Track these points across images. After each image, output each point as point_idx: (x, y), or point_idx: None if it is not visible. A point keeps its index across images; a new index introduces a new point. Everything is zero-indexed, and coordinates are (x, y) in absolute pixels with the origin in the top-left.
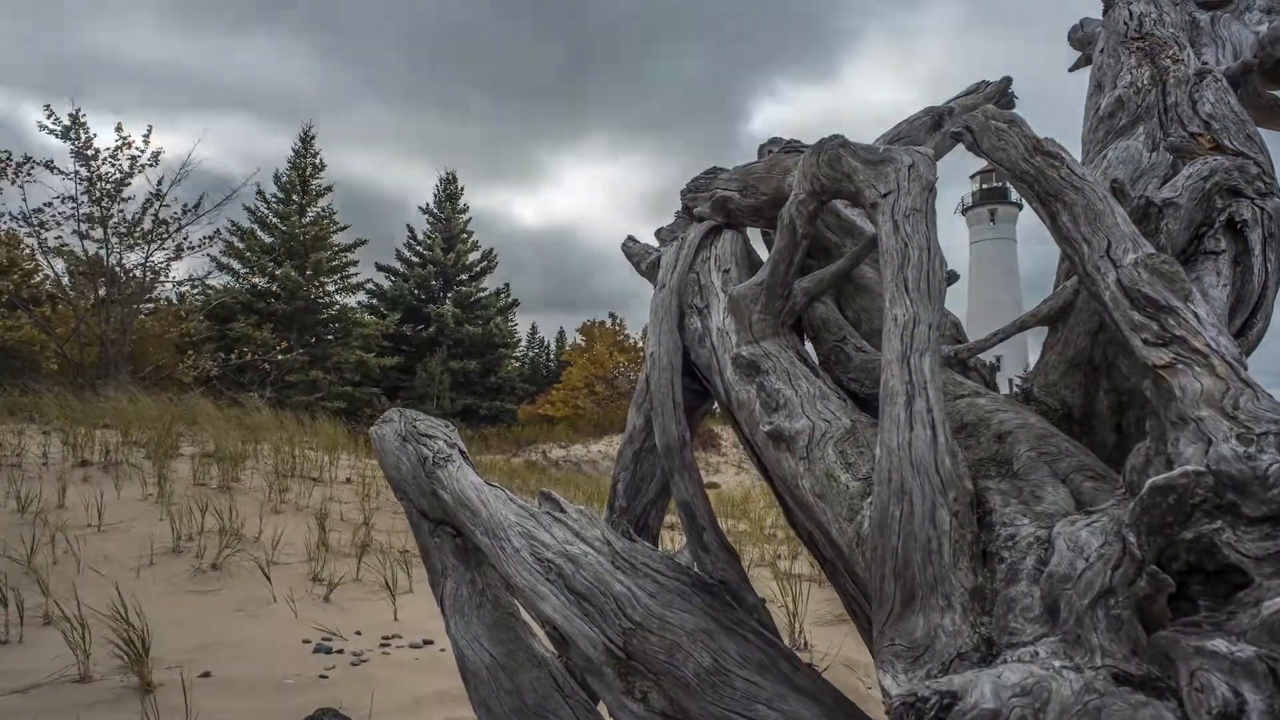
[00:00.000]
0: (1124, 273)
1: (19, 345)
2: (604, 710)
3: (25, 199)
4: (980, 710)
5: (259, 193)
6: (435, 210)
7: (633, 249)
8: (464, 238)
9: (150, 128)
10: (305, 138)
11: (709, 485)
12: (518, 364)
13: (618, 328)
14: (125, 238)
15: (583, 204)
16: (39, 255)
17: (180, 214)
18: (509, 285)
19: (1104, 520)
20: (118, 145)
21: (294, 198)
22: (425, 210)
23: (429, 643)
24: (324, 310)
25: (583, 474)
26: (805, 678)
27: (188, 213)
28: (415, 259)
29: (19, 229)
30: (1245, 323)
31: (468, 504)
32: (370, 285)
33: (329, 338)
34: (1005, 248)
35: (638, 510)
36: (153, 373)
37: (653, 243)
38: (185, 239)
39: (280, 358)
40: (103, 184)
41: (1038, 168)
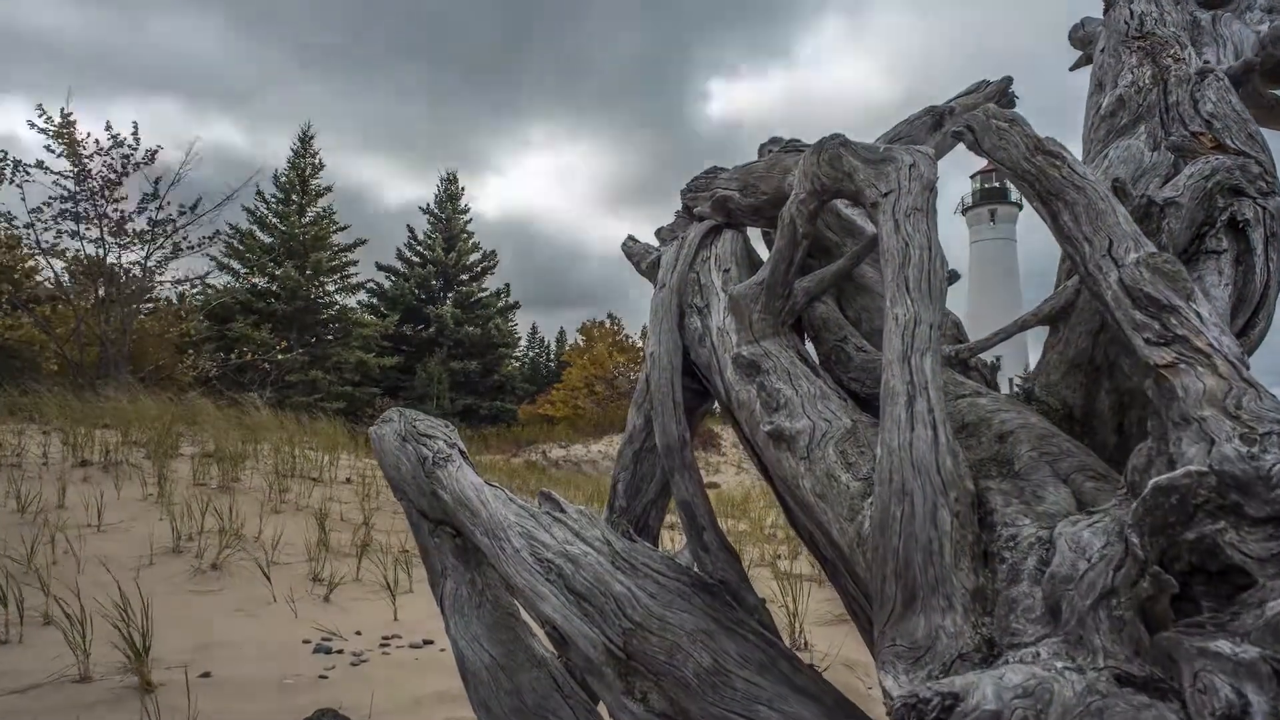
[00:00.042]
0: (1126, 272)
1: (19, 345)
2: (604, 711)
3: (25, 198)
4: (982, 711)
5: (258, 193)
6: (435, 210)
7: (633, 249)
8: (464, 238)
9: (136, 124)
10: (304, 138)
11: (709, 485)
12: (518, 364)
13: (617, 328)
14: (120, 237)
15: (537, 195)
16: (38, 255)
17: (177, 215)
18: (509, 285)
19: (1106, 521)
20: (110, 145)
21: (293, 198)
22: (426, 210)
23: (429, 643)
24: (324, 310)
25: (583, 474)
26: (806, 678)
27: (184, 213)
28: (415, 259)
29: (18, 230)
30: (1247, 322)
31: (467, 504)
32: (370, 285)
33: (329, 338)
34: (1005, 248)
35: (638, 510)
36: (153, 373)
37: (652, 241)
38: (184, 238)
39: (280, 358)
40: (93, 183)
41: (1039, 167)
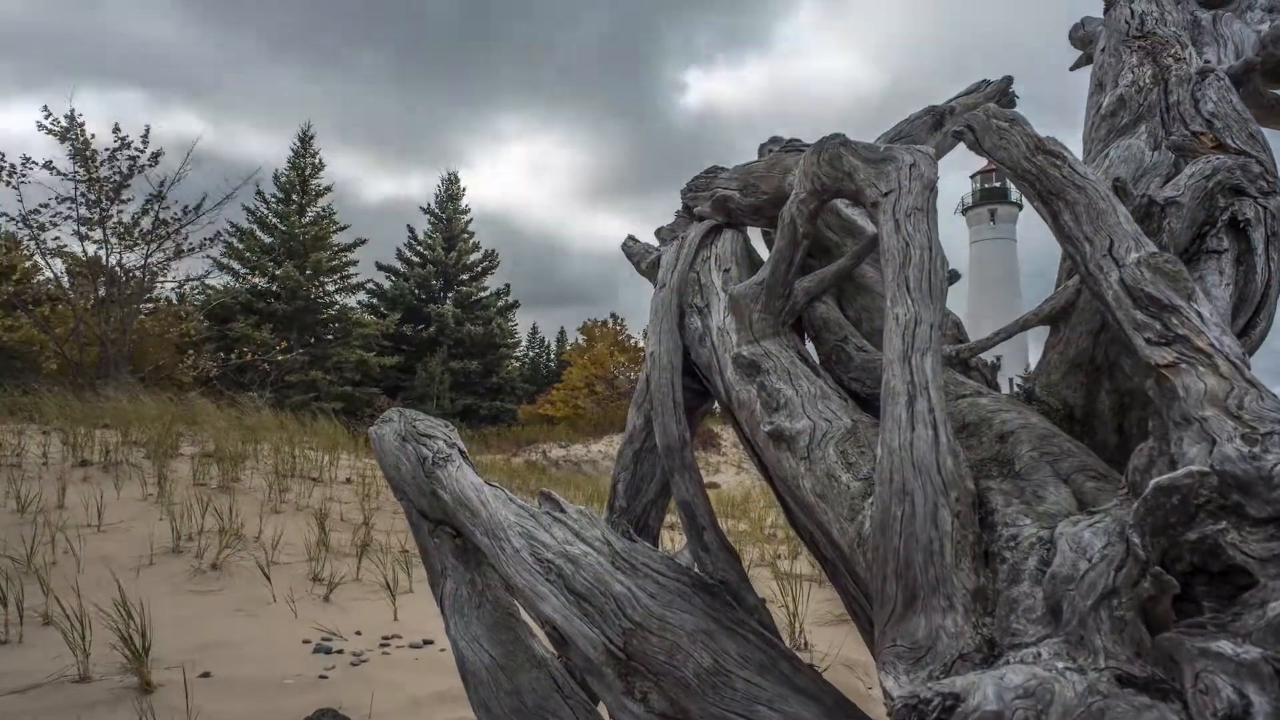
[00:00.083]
0: (1127, 272)
1: (19, 345)
2: (604, 711)
3: (21, 200)
4: (983, 712)
5: (258, 193)
6: (436, 210)
7: (633, 248)
8: (465, 237)
9: (148, 128)
10: (304, 138)
11: (709, 485)
12: (518, 364)
13: (618, 327)
14: (124, 238)
15: (511, 189)
16: (38, 256)
17: (181, 215)
18: (509, 285)
19: (1107, 521)
20: (117, 146)
21: (293, 198)
22: (426, 210)
23: (429, 643)
24: (324, 310)
25: (583, 474)
26: (806, 678)
27: (187, 214)
28: (416, 259)
29: (18, 230)
30: (1248, 322)
31: (467, 504)
32: (370, 285)
33: (329, 338)
34: (1005, 248)
35: (638, 510)
36: (153, 373)
37: (651, 240)
38: (185, 239)
39: (280, 358)
40: (101, 185)
41: (1039, 166)
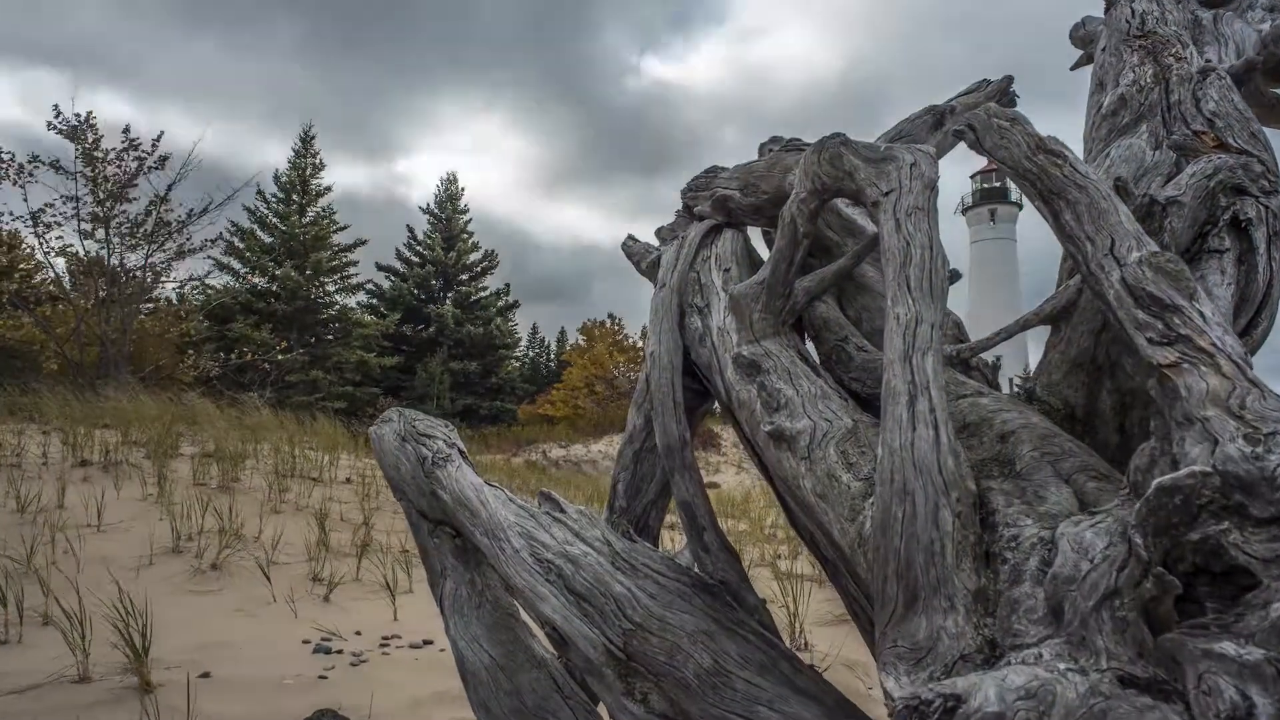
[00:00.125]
0: (1128, 271)
1: (19, 345)
2: (604, 711)
3: (26, 199)
4: (984, 713)
5: (259, 193)
6: (435, 210)
7: (633, 248)
8: (464, 238)
9: (161, 132)
10: (305, 138)
11: (709, 485)
12: (518, 364)
13: (618, 327)
14: (127, 238)
15: (464, 179)
16: (40, 255)
17: (185, 216)
18: (509, 285)
19: (1108, 521)
20: (124, 147)
21: (294, 198)
22: (426, 210)
23: (429, 643)
24: (324, 310)
25: (583, 474)
26: (806, 679)
27: (192, 215)
28: (415, 259)
29: (21, 229)
30: (1250, 321)
31: (467, 504)
32: (370, 285)
33: (329, 338)
34: (1005, 248)
35: (638, 510)
36: (153, 373)
37: (652, 239)
38: (188, 239)
39: (280, 358)
40: (108, 185)
41: (1040, 166)
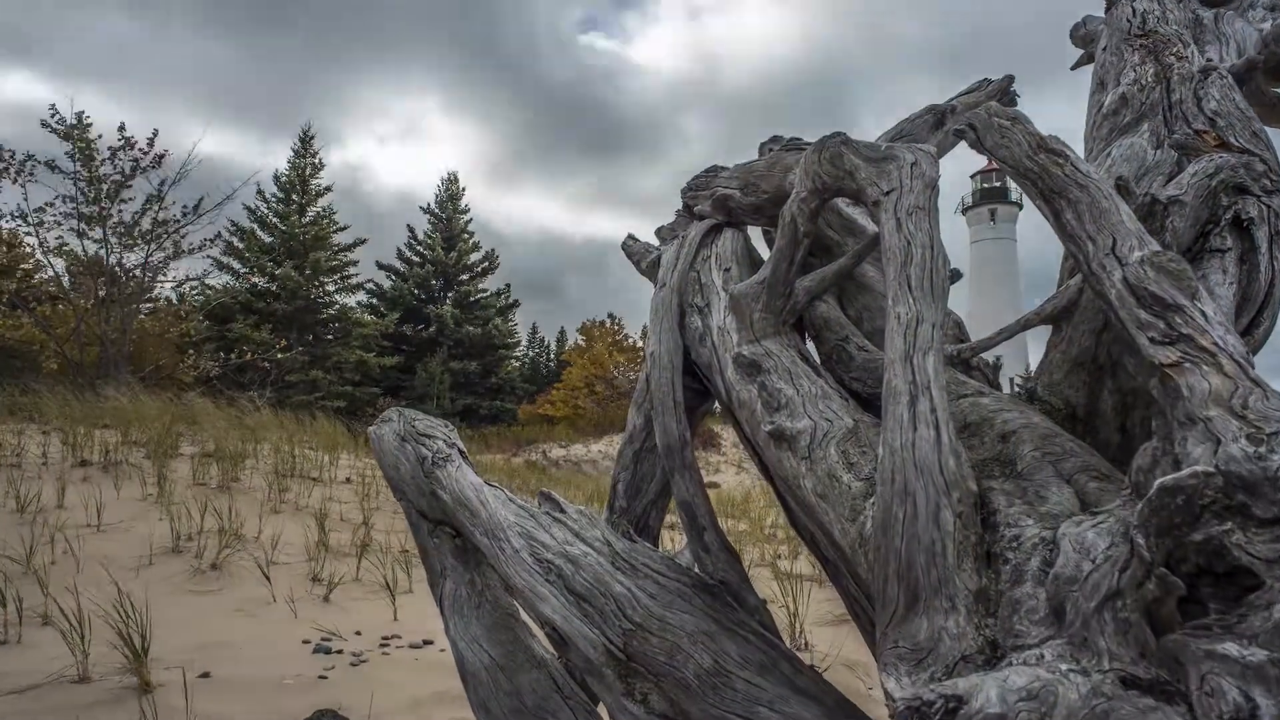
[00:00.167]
0: (1130, 270)
1: (19, 345)
2: (604, 712)
3: (26, 198)
4: (986, 714)
5: (259, 192)
6: (436, 210)
7: (633, 247)
8: (465, 237)
9: (156, 131)
10: (305, 137)
11: (709, 485)
12: (518, 364)
13: (617, 327)
14: (124, 238)
15: (407, 168)
16: (39, 255)
17: (180, 216)
18: (509, 285)
19: (1110, 521)
20: (120, 146)
21: (294, 197)
22: (426, 210)
23: (429, 643)
24: (324, 310)
25: (583, 474)
26: (807, 679)
27: (187, 214)
28: (415, 259)
29: (20, 228)
30: (1252, 321)
31: (467, 504)
32: (370, 285)
33: (329, 337)
34: (1005, 247)
35: (638, 510)
36: (153, 373)
37: (652, 239)
38: (184, 237)
39: (280, 357)
40: (103, 185)
41: (1041, 165)
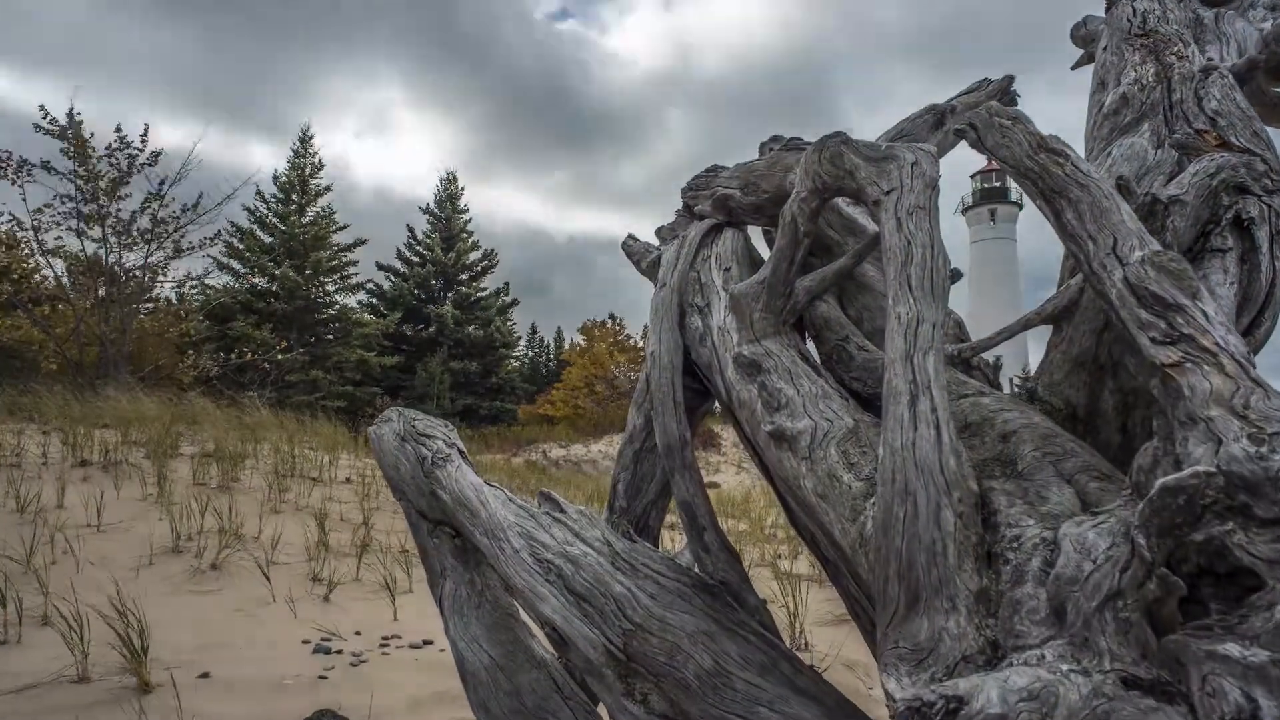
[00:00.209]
0: (1131, 270)
1: (19, 345)
2: (604, 712)
3: (25, 199)
4: (987, 715)
5: (258, 192)
6: (435, 210)
7: (633, 247)
8: (464, 237)
9: (147, 127)
10: (304, 137)
11: (709, 485)
12: (518, 364)
13: (618, 327)
14: (123, 237)
15: (385, 163)
16: (39, 255)
17: (179, 214)
18: (509, 285)
19: (1111, 521)
20: (116, 145)
21: (293, 197)
22: (425, 210)
23: (429, 643)
24: (324, 310)
25: (583, 474)
26: (807, 679)
27: (186, 212)
28: (415, 259)
29: (19, 230)
30: (1253, 321)
31: (467, 504)
32: (370, 285)
33: (329, 337)
34: (1005, 247)
35: (638, 510)
36: (153, 373)
37: (653, 240)
38: (183, 237)
39: (280, 357)
40: (99, 183)
41: (1042, 164)
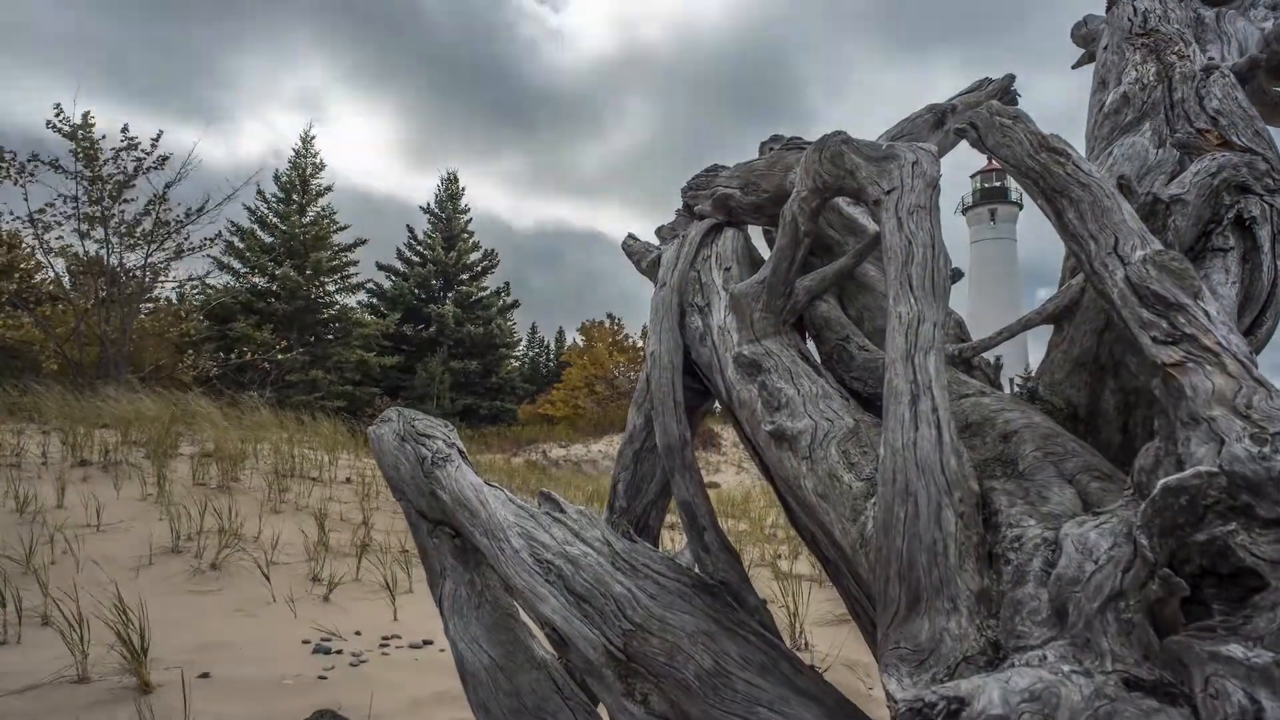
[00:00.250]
0: (1132, 270)
1: (19, 345)
2: (604, 712)
3: (27, 198)
4: (988, 715)
5: (259, 192)
6: (435, 210)
7: (633, 247)
8: (464, 237)
9: (160, 132)
10: (305, 138)
11: (709, 485)
12: (518, 364)
13: (617, 327)
14: (126, 238)
15: (345, 154)
16: (40, 255)
17: (184, 216)
18: (509, 285)
19: (1113, 522)
20: (124, 146)
21: (294, 197)
22: (426, 210)
23: (429, 643)
24: (324, 310)
25: (583, 474)
26: (807, 680)
27: (190, 215)
28: (415, 259)
29: (21, 229)
30: (1254, 320)
31: (466, 504)
32: (370, 285)
33: (329, 337)
34: (1005, 247)
35: (638, 510)
36: (153, 373)
37: (653, 239)
38: (186, 238)
39: (280, 357)
40: (105, 185)
41: (1043, 164)
